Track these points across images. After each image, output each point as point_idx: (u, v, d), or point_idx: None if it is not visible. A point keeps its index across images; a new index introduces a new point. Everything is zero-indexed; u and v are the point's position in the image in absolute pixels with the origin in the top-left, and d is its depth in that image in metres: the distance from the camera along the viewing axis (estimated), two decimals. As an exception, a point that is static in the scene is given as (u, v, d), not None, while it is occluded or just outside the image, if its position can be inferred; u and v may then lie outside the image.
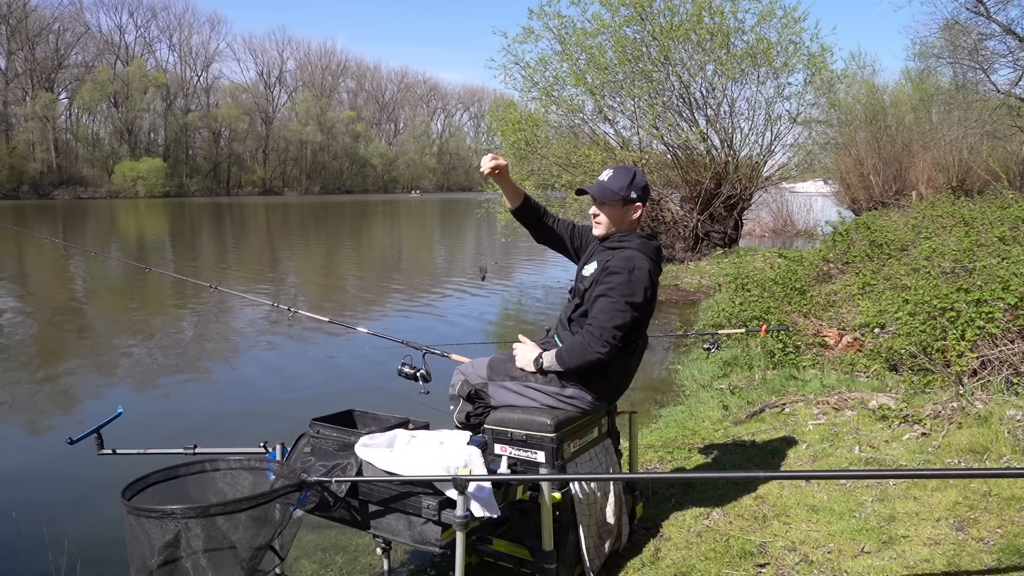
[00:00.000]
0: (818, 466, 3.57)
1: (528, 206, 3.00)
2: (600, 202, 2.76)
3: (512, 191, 2.96)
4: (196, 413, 5.91)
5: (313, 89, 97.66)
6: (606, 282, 2.62)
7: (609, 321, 2.55)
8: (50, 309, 10.75)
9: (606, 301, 2.59)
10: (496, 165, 2.78)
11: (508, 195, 2.98)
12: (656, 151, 16.06)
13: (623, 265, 2.63)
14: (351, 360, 7.46)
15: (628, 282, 2.59)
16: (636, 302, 2.60)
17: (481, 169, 2.80)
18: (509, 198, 3.00)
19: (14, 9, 67.26)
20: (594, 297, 2.64)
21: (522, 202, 2.99)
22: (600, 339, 2.55)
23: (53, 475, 4.50)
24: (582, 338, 2.60)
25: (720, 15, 14.41)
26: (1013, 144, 19.72)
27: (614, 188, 2.74)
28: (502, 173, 2.82)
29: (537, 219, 3.03)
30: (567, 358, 2.63)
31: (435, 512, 2.29)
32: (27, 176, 64.08)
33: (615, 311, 2.56)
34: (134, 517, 2.02)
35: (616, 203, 2.75)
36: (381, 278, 15.20)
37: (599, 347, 2.55)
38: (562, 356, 2.64)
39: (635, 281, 2.60)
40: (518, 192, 2.98)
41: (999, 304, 4.39)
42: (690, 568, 2.70)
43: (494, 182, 2.89)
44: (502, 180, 2.88)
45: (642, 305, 2.63)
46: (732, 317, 6.84)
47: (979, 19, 18.05)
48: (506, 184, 2.92)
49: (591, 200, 2.81)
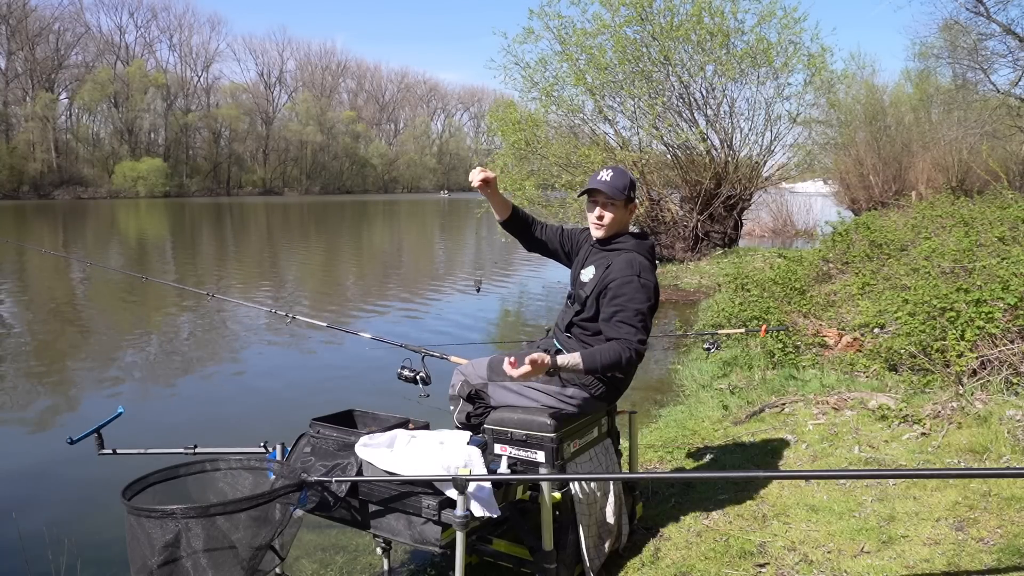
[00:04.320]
0: (818, 466, 3.57)
1: (517, 217, 3.02)
2: (607, 202, 2.75)
3: (500, 203, 2.97)
4: (196, 413, 5.91)
5: (313, 89, 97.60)
6: (622, 293, 2.61)
7: (640, 334, 2.58)
8: (50, 310, 10.75)
9: (628, 314, 2.59)
10: (485, 178, 2.79)
11: (497, 207, 3.00)
12: (656, 151, 16.08)
13: (629, 271, 2.64)
14: (351, 361, 7.47)
15: (641, 287, 2.63)
16: (650, 306, 2.66)
17: (471, 182, 2.81)
18: (498, 210, 3.01)
19: (14, 9, 67.22)
20: (613, 311, 2.61)
21: (511, 214, 3.00)
22: (638, 354, 2.57)
23: (53, 475, 4.50)
24: (618, 350, 2.53)
25: (720, 15, 14.44)
26: (1013, 144, 19.73)
27: (619, 187, 2.74)
28: (491, 186, 2.83)
29: (526, 228, 3.04)
30: (600, 360, 2.54)
31: (435, 512, 2.30)
32: (27, 176, 63.99)
33: (640, 322, 2.59)
34: (134, 517, 2.02)
35: (620, 203, 2.75)
36: (381, 279, 15.20)
37: (636, 360, 2.58)
38: (594, 358, 2.53)
39: (645, 286, 2.64)
40: (506, 204, 2.99)
41: (999, 304, 4.40)
42: (690, 568, 2.71)
43: (482, 195, 2.89)
44: (491, 193, 2.89)
45: (654, 307, 2.70)
46: (732, 317, 6.84)
47: (979, 19, 18.09)
48: (495, 197, 2.93)
49: (593, 202, 2.79)
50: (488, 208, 3.07)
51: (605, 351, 2.57)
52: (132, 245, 22.75)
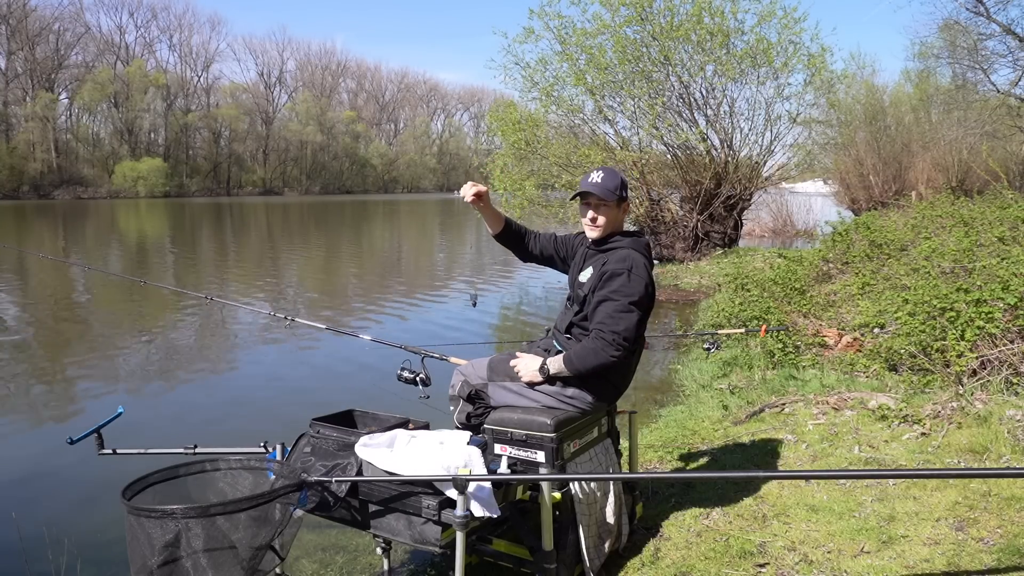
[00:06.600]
0: (818, 466, 3.58)
1: (510, 229, 3.03)
2: (599, 203, 2.76)
3: (493, 216, 2.98)
4: (196, 413, 5.90)
5: (313, 89, 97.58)
6: (608, 285, 2.63)
7: (617, 324, 2.56)
8: (50, 310, 10.75)
9: (611, 305, 2.59)
10: (477, 192, 2.81)
11: (489, 221, 3.01)
12: (656, 151, 16.09)
13: (622, 266, 2.64)
14: (351, 361, 7.45)
15: (629, 282, 2.61)
16: (639, 301, 2.62)
17: (463, 198, 2.82)
18: (490, 224, 3.02)
19: (14, 9, 67.20)
20: (597, 301, 2.64)
21: (503, 227, 3.01)
22: (612, 343, 2.55)
23: (53, 475, 4.50)
24: (592, 343, 2.60)
25: (720, 15, 14.44)
26: (1013, 144, 19.74)
27: (611, 188, 2.75)
28: (483, 199, 2.85)
29: (520, 240, 3.06)
30: (577, 363, 2.62)
31: (435, 512, 2.30)
32: (27, 176, 63.99)
33: (621, 314, 2.57)
34: (134, 517, 2.02)
35: (613, 204, 2.77)
36: (381, 280, 15.20)
37: (612, 351, 2.55)
38: (571, 361, 2.62)
39: (635, 280, 2.62)
40: (499, 217, 3.00)
41: (999, 304, 4.40)
42: (690, 568, 2.71)
43: (476, 209, 2.91)
44: (484, 206, 2.90)
45: (645, 302, 2.65)
46: (732, 317, 6.84)
47: (979, 19, 18.11)
48: (487, 210, 2.94)
49: (586, 205, 2.79)
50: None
51: (581, 351, 2.61)
52: (132, 246, 22.75)
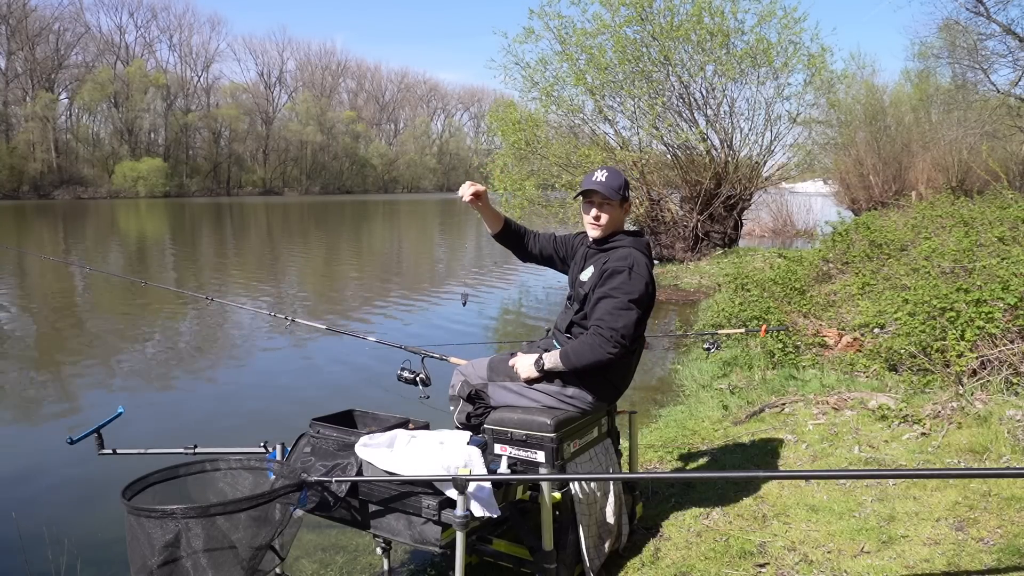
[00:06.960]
0: (818, 466, 3.57)
1: (509, 229, 3.03)
2: (603, 202, 2.76)
3: (492, 216, 2.99)
4: (196, 413, 5.91)
5: (313, 89, 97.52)
6: (608, 283, 2.63)
7: (616, 321, 2.56)
8: (50, 310, 10.74)
9: (611, 302, 2.59)
10: (475, 191, 2.81)
11: (488, 221, 3.01)
12: (656, 151, 16.09)
13: (623, 264, 2.65)
14: (351, 361, 7.45)
15: (629, 280, 2.61)
16: (639, 299, 2.62)
17: (461, 198, 2.82)
18: (489, 224, 3.02)
19: (14, 9, 67.16)
20: (597, 298, 2.64)
21: (503, 226, 3.01)
22: (610, 340, 2.55)
23: (53, 475, 4.50)
24: (590, 338, 2.60)
25: (720, 15, 14.44)
26: (1013, 144, 19.73)
27: (615, 187, 2.75)
28: (482, 199, 2.85)
29: (519, 240, 3.06)
30: (574, 358, 2.62)
31: (435, 512, 2.29)
32: (27, 176, 63.93)
33: (620, 311, 2.57)
34: (134, 517, 2.02)
35: (616, 203, 2.77)
36: (381, 280, 15.20)
37: (609, 348, 2.55)
38: (568, 357, 2.63)
39: (636, 278, 2.62)
40: (498, 217, 3.01)
41: (999, 304, 4.40)
42: (690, 568, 2.71)
43: (474, 209, 2.91)
44: (482, 206, 2.90)
45: (645, 301, 2.65)
46: (732, 317, 6.84)
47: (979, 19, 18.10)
48: (486, 210, 2.95)
49: (590, 203, 2.79)
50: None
51: (578, 347, 2.61)
52: (132, 246, 22.74)
